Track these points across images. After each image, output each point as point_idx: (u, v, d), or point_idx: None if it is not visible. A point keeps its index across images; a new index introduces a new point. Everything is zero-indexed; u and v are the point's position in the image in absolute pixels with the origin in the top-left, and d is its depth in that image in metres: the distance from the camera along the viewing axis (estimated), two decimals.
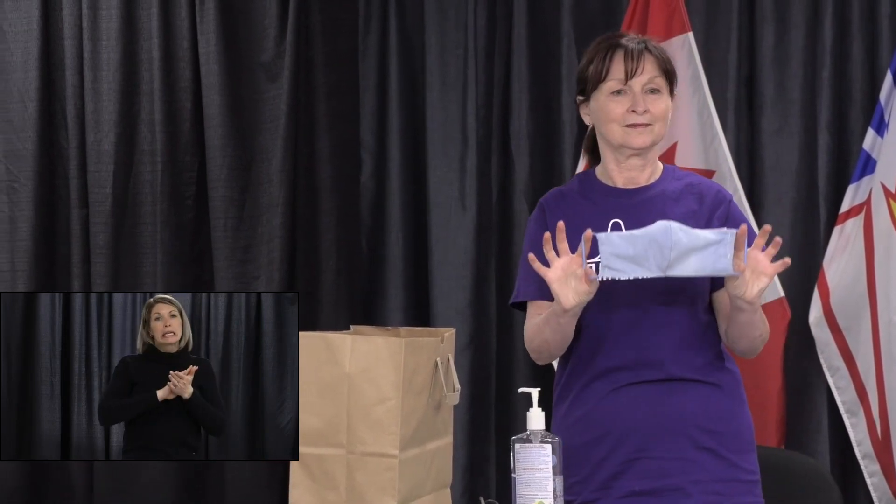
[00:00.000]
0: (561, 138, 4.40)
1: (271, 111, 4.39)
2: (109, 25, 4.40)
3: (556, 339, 2.59)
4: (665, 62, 2.60)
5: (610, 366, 2.59)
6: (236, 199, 4.40)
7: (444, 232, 4.45)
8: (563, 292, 2.44)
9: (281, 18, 4.39)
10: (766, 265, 2.41)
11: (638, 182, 2.64)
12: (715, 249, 2.35)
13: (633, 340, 2.57)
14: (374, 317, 4.46)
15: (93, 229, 4.41)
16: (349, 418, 2.51)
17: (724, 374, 2.61)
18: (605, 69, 2.58)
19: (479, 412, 4.42)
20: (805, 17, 4.27)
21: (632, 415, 2.56)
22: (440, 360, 2.62)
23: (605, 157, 2.67)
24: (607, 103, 2.58)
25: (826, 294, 4.07)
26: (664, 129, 2.61)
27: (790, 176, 4.20)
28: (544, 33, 4.45)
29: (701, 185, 2.64)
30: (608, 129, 2.60)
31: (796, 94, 4.27)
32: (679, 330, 2.57)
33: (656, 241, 2.34)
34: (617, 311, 2.57)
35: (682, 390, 2.56)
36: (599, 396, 2.59)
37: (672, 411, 2.55)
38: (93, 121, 4.41)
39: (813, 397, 4.22)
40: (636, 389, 2.57)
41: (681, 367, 2.56)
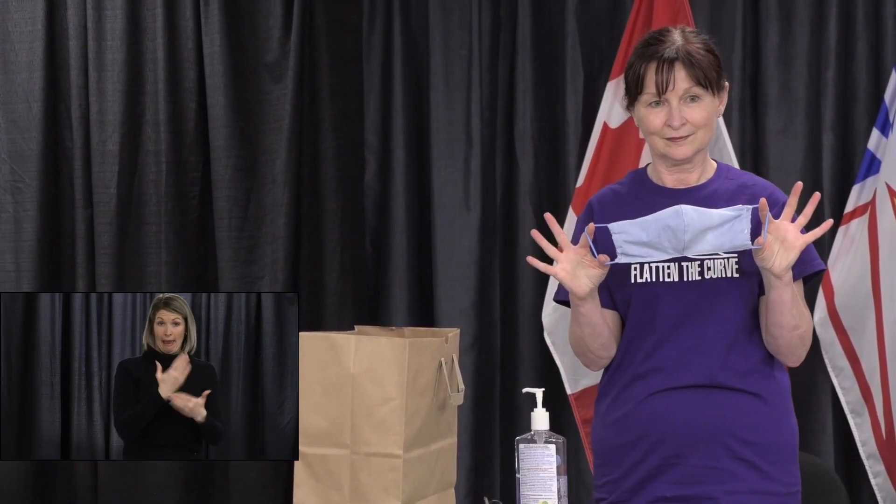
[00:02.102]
0: (565, 139, 4.40)
1: (275, 112, 4.39)
2: (114, 26, 4.40)
3: (587, 334, 2.56)
4: (702, 69, 2.49)
5: (651, 367, 2.55)
6: (240, 199, 4.40)
7: (448, 232, 4.45)
8: (574, 284, 2.44)
9: (285, 19, 4.39)
10: (795, 236, 2.36)
11: (688, 182, 2.60)
12: (731, 226, 2.34)
13: (675, 342, 2.53)
14: (378, 317, 4.47)
15: (97, 229, 4.41)
16: (353, 418, 2.52)
17: (768, 382, 2.56)
18: (639, 81, 2.53)
19: (483, 412, 4.42)
20: (810, 17, 4.27)
21: (669, 420, 2.53)
22: (444, 360, 2.62)
23: (654, 159, 2.64)
24: (647, 115, 2.54)
25: (831, 294, 4.07)
26: (709, 134, 2.55)
27: (794, 176, 4.17)
28: (549, 33, 4.45)
29: (755, 186, 2.59)
30: (651, 140, 2.57)
31: (801, 93, 4.27)
32: (724, 333, 2.53)
33: (668, 226, 2.34)
34: (660, 311, 2.54)
35: (722, 398, 2.52)
36: (638, 399, 2.56)
37: (710, 419, 2.51)
38: (97, 121, 4.41)
39: (818, 397, 4.22)
40: (675, 395, 2.53)
41: (724, 373, 2.52)
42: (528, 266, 4.28)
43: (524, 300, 4.42)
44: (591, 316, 2.52)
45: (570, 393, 4.21)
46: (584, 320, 2.53)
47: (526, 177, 4.43)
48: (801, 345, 2.53)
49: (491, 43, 4.48)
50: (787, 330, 2.49)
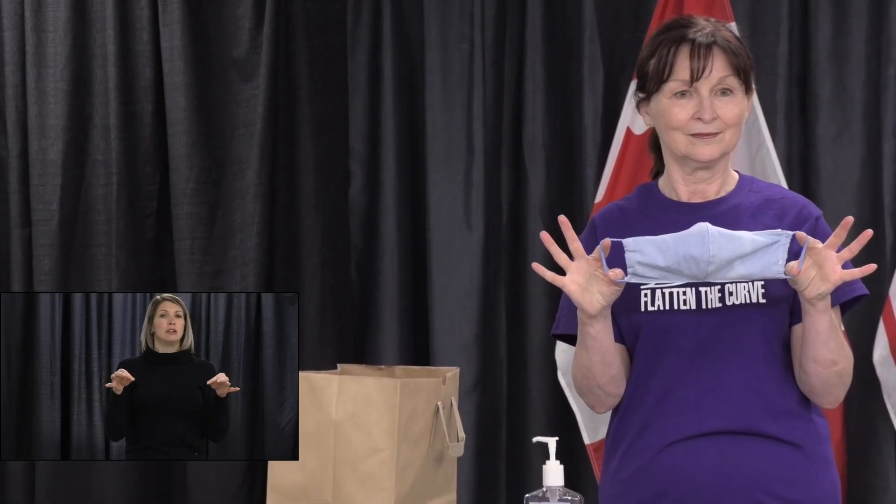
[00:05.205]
0: (582, 147, 4.40)
1: (245, 115, 4.41)
2: (56, 15, 4.42)
3: (595, 363, 2.53)
4: (740, 57, 2.52)
5: (666, 411, 2.54)
6: (205, 217, 4.42)
7: (446, 255, 4.46)
8: (585, 299, 2.43)
9: (257, 8, 4.41)
10: (834, 268, 2.35)
11: (706, 195, 2.59)
12: (763, 254, 2.33)
13: (694, 380, 2.52)
14: (364, 354, 4.47)
15: (36, 252, 4.42)
16: (335, 472, 2.53)
17: (806, 428, 2.55)
18: (667, 66, 2.52)
19: (487, 465, 4.42)
20: (868, 5, 4.27)
21: (691, 475, 2.51)
22: (442, 404, 2.64)
23: (668, 166, 2.63)
24: (670, 107, 2.53)
25: (893, 328, 4.05)
26: (736, 137, 2.56)
27: (850, 189, 4.19)
28: (563, 24, 4.46)
29: (784, 200, 2.59)
30: (671, 138, 2.56)
31: (857, 94, 4.27)
32: (750, 368, 2.51)
33: (691, 254, 2.33)
34: (674, 343, 2.52)
35: (753, 447, 2.51)
36: (654, 450, 2.54)
37: (739, 472, 2.50)
38: (37, 126, 4.42)
39: (879, 448, 4.22)
40: (697, 444, 2.51)
41: (753, 417, 2.51)
42: (538, 295, 4.36)
43: (534, 334, 4.42)
44: (602, 339, 2.51)
45: (587, 443, 4.20)
46: (593, 344, 2.51)
47: (536, 191, 4.43)
48: (839, 383, 2.51)
49: (496, 36, 4.48)
50: (822, 366, 2.48)
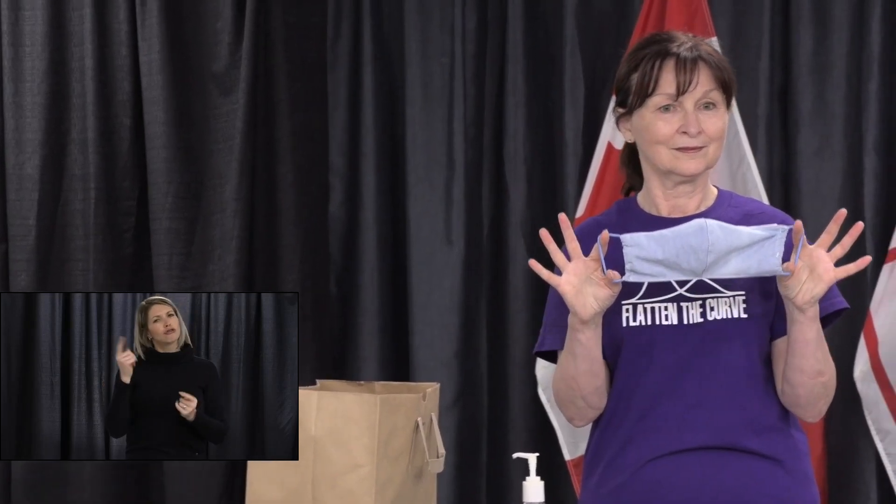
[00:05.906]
0: (563, 162, 4.41)
1: (225, 129, 4.40)
2: (34, 29, 4.41)
3: (582, 371, 2.52)
4: (722, 71, 2.54)
5: (647, 427, 2.53)
6: (183, 232, 4.41)
7: (426, 270, 4.45)
8: (578, 302, 2.42)
9: (236, 22, 4.40)
10: (827, 268, 2.36)
11: (686, 210, 2.60)
12: (760, 248, 2.34)
13: (676, 396, 2.52)
14: (344, 370, 4.45)
15: (13, 268, 4.41)
16: (314, 489, 2.52)
17: (787, 443, 2.55)
18: (652, 80, 2.53)
19: (467, 481, 4.42)
20: (849, 19, 4.27)
21: (674, 489, 2.50)
22: (422, 420, 2.62)
23: (648, 181, 2.63)
24: (654, 121, 2.54)
25: (874, 344, 4.06)
26: (719, 151, 2.57)
27: (832, 204, 4.18)
28: (544, 38, 4.47)
29: (763, 215, 2.58)
30: (654, 152, 2.57)
31: (839, 108, 4.28)
32: (732, 384, 2.52)
33: (690, 245, 2.34)
34: (656, 359, 2.53)
35: (734, 462, 2.51)
36: (636, 466, 2.54)
37: (722, 487, 2.49)
38: (13, 140, 4.41)
39: (860, 465, 4.21)
40: (679, 460, 2.51)
41: (736, 432, 2.52)
42: (519, 310, 4.34)
43: (515, 349, 4.41)
44: (592, 348, 2.50)
45: (568, 459, 4.21)
46: (582, 352, 2.50)
47: (517, 206, 4.43)
48: (823, 394, 2.51)
49: (477, 49, 4.49)
50: (809, 376, 2.47)
